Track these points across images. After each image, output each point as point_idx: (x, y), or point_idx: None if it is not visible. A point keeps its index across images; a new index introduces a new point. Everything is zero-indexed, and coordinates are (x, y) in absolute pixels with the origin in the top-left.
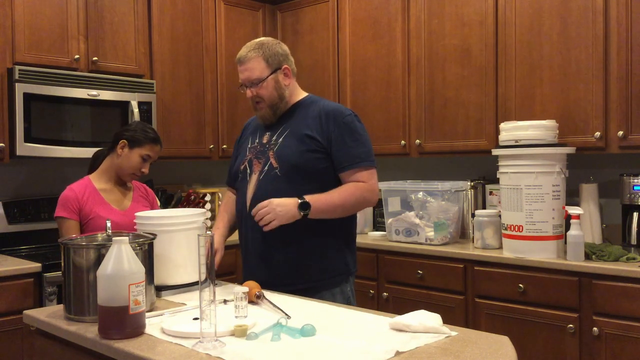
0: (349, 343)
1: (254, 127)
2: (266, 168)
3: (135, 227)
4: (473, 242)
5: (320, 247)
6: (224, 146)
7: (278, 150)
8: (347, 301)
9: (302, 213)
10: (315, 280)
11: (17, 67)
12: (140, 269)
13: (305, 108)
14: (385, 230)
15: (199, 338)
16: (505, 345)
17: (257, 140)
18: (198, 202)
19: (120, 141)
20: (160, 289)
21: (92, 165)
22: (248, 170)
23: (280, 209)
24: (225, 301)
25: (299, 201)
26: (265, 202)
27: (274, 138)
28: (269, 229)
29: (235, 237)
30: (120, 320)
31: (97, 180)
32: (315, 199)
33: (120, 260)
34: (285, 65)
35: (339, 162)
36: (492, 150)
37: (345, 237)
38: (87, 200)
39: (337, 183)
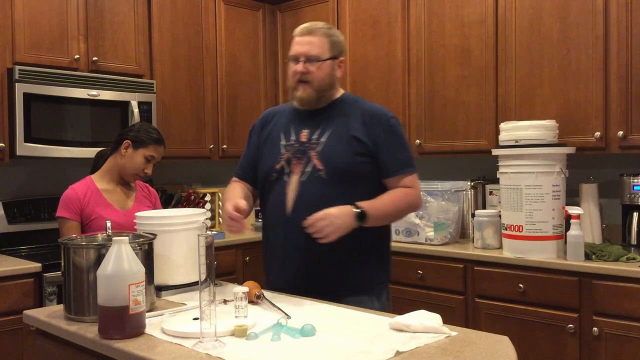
0: (349, 343)
1: (285, 122)
2: (308, 169)
3: (135, 227)
4: (473, 242)
5: (363, 255)
6: (224, 146)
7: (323, 150)
8: (383, 309)
9: (359, 224)
10: (356, 290)
11: (17, 67)
12: (140, 269)
13: (345, 107)
14: None
15: (199, 338)
16: (505, 345)
17: (292, 138)
18: (198, 202)
19: (124, 141)
20: (160, 289)
21: (94, 165)
22: (286, 170)
23: (339, 221)
24: (225, 301)
25: (355, 210)
26: (323, 214)
27: (315, 137)
28: (326, 242)
29: (236, 237)
30: (120, 320)
31: (99, 181)
32: (370, 208)
33: (120, 260)
34: (342, 58)
35: (387, 168)
36: (492, 150)
37: (384, 245)
38: (89, 201)
39: (380, 187)
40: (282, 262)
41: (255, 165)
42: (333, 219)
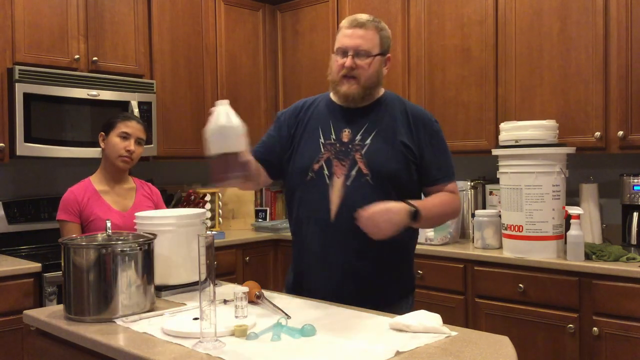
0: (349, 343)
1: (322, 117)
2: (354, 173)
3: (135, 227)
4: (473, 242)
5: (398, 262)
6: None
7: (368, 154)
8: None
9: (411, 222)
10: (390, 296)
11: (17, 67)
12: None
13: (390, 107)
14: None
15: (199, 338)
16: (505, 345)
17: (333, 136)
18: (198, 202)
19: (99, 135)
20: (160, 289)
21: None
22: (326, 172)
23: (397, 217)
24: (225, 301)
25: (410, 209)
26: (383, 208)
27: (359, 138)
28: (378, 238)
29: (236, 237)
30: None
31: (97, 182)
32: (423, 208)
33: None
34: (389, 55)
35: (432, 175)
36: (492, 150)
37: (412, 251)
38: (87, 203)
39: (419, 195)
40: (322, 269)
41: (275, 152)
42: (392, 215)
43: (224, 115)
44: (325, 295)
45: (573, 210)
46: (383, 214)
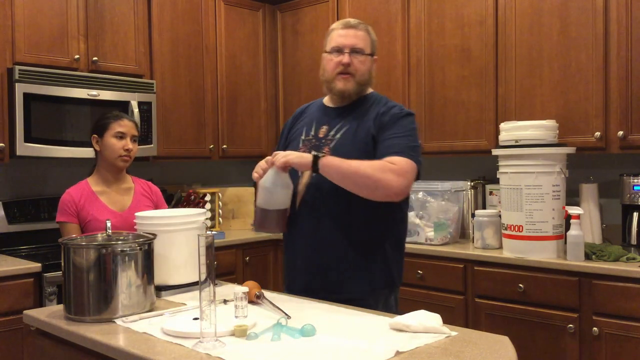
0: (349, 343)
1: (310, 117)
2: None
3: (135, 227)
4: (473, 242)
5: (366, 255)
6: (224, 146)
7: (335, 147)
8: (389, 311)
9: (313, 153)
10: (354, 290)
11: (17, 67)
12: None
13: (368, 105)
14: None
15: (199, 338)
16: (505, 345)
17: (312, 133)
18: (198, 202)
19: (92, 137)
20: (160, 289)
21: (92, 170)
22: None
23: (305, 157)
24: (225, 301)
25: (314, 153)
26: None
27: (332, 133)
28: (275, 164)
29: (236, 237)
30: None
31: (94, 183)
32: (331, 158)
33: (282, 179)
34: (376, 57)
35: (380, 152)
36: (492, 150)
37: (392, 246)
38: (84, 204)
39: None
40: (290, 260)
41: None
42: (301, 154)
43: (272, 178)
44: (295, 288)
45: (573, 210)
46: (295, 154)
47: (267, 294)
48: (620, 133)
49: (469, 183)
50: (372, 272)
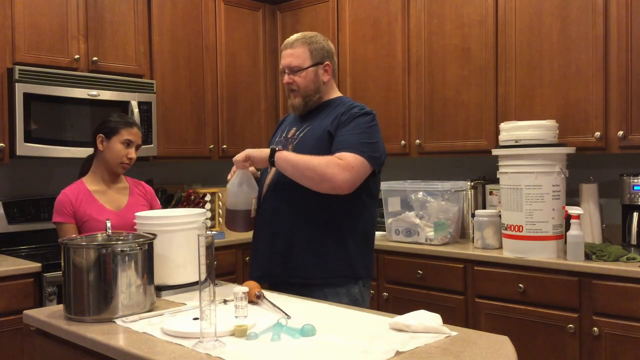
0: (348, 343)
1: (287, 122)
2: None
3: (135, 227)
4: (473, 242)
5: (318, 243)
6: (224, 146)
7: (297, 144)
8: (354, 303)
9: (271, 147)
10: (314, 279)
11: (17, 67)
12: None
13: (333, 107)
14: (385, 231)
15: (199, 338)
16: (505, 345)
17: (283, 134)
18: (198, 202)
19: (98, 137)
20: (160, 289)
21: (82, 169)
22: None
23: (263, 152)
24: (225, 301)
25: (272, 148)
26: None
27: (297, 133)
28: (239, 159)
29: (236, 237)
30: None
31: (90, 183)
32: (286, 153)
33: (248, 180)
34: (327, 62)
35: (333, 149)
36: (492, 150)
37: (356, 240)
38: (81, 203)
39: None
40: (256, 252)
41: None
42: (261, 150)
43: (237, 181)
44: (258, 275)
45: (573, 210)
46: (256, 150)
47: (267, 294)
48: (620, 133)
49: (469, 183)
50: (330, 262)
